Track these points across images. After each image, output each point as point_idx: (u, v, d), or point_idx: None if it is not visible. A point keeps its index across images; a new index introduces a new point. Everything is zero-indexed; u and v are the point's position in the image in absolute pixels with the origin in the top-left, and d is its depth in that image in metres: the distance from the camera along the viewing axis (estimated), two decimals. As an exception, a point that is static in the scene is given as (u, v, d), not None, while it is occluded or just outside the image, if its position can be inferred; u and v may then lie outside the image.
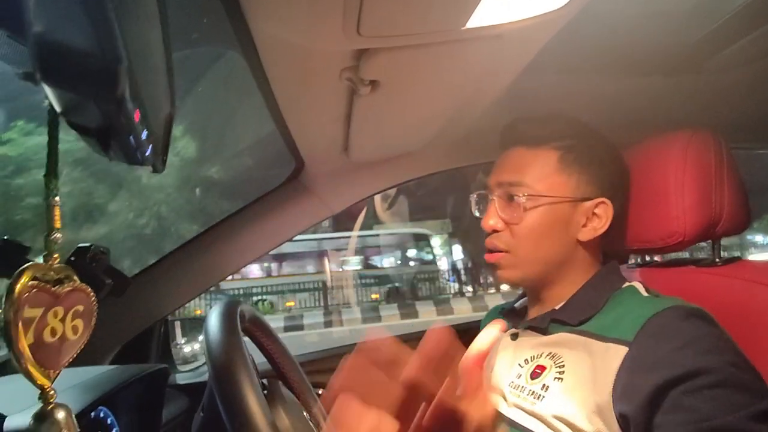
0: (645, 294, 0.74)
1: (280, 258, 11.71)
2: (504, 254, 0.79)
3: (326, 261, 11.93)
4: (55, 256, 0.36)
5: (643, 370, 0.61)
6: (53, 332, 0.34)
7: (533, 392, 0.70)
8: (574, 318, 0.73)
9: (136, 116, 0.35)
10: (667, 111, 1.16)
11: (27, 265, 0.34)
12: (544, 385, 0.69)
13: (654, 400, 0.59)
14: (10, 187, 7.00)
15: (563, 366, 0.69)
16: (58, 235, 0.36)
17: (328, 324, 10.29)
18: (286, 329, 9.51)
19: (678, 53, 1.04)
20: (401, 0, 0.51)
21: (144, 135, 0.39)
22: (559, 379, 0.68)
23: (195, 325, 1.88)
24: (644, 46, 1.02)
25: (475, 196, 0.88)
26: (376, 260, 12.84)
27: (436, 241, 16.69)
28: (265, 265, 11.68)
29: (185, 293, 1.29)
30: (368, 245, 12.80)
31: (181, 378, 1.34)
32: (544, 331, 0.77)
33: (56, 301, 0.35)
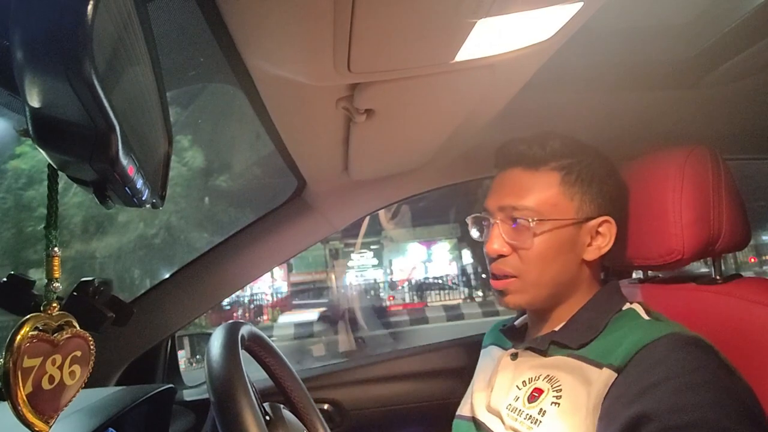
0: (645, 317, 0.73)
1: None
2: (512, 280, 0.77)
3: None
4: (54, 305, 0.37)
5: (624, 401, 0.61)
6: (51, 379, 0.36)
7: (530, 416, 0.70)
8: (574, 341, 0.74)
9: (130, 171, 0.36)
10: (665, 125, 1.16)
11: (28, 317, 0.36)
12: (541, 409, 0.69)
13: None
14: (23, 199, 7.12)
15: (560, 390, 0.69)
16: (57, 284, 0.37)
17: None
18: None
19: (676, 68, 1.04)
20: (388, 38, 0.53)
21: (139, 184, 0.40)
22: (556, 404, 0.68)
23: (203, 340, 1.90)
24: (642, 62, 1.02)
25: (471, 218, 0.87)
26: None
27: (445, 246, 16.68)
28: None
29: (191, 311, 1.31)
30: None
31: (188, 395, 1.36)
32: (543, 353, 0.77)
33: (55, 350, 0.36)
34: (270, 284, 14.92)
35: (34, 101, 0.28)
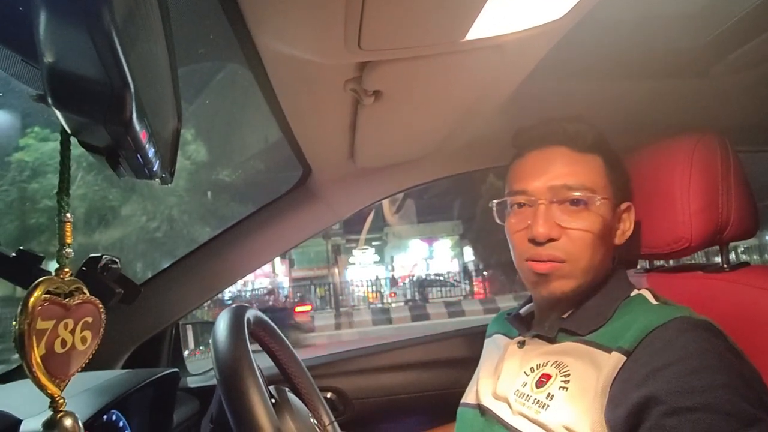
0: (654, 302, 0.73)
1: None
2: (559, 264, 0.74)
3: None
4: (66, 270, 0.37)
5: (633, 384, 0.61)
6: (63, 343, 0.36)
7: (538, 401, 0.70)
8: (583, 328, 0.73)
9: (143, 136, 0.36)
10: (674, 114, 1.15)
11: (41, 279, 0.36)
12: (549, 393, 0.69)
13: (637, 414, 0.59)
14: (27, 192, 7.16)
15: (569, 375, 0.69)
16: (69, 250, 0.37)
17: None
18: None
19: (685, 56, 1.03)
20: (400, 14, 0.52)
21: (151, 153, 0.40)
22: (564, 388, 0.68)
23: (207, 329, 1.90)
24: (650, 50, 1.02)
25: (497, 203, 0.83)
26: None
27: (446, 243, 16.70)
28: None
29: (195, 298, 1.31)
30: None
31: (192, 381, 1.36)
32: (551, 340, 0.77)
33: (67, 313, 0.36)
34: (272, 279, 14.98)
35: (52, 56, 0.28)
